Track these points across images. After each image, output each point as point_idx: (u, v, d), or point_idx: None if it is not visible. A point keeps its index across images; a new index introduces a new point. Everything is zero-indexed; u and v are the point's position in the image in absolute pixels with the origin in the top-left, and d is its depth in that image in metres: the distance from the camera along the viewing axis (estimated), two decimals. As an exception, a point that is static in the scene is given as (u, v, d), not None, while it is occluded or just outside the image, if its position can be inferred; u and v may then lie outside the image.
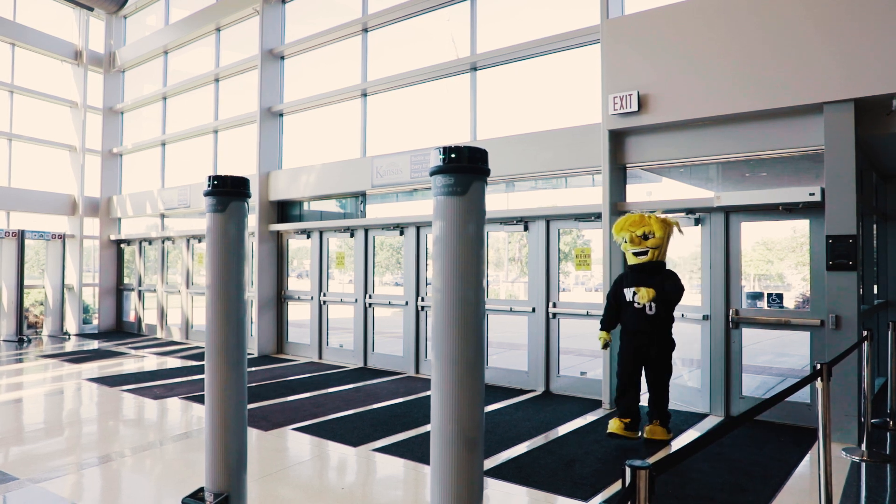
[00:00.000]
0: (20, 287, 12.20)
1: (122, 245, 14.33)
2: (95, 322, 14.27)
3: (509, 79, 8.38)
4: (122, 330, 14.09)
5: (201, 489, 2.61)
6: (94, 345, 11.77)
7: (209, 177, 2.10)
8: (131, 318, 14.05)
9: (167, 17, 13.76)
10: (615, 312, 5.47)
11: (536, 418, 6.18)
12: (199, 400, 6.87)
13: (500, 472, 4.52)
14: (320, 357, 9.91)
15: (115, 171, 14.57)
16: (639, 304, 5.23)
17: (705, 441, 1.88)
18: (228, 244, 2.09)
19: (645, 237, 5.26)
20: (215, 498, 2.40)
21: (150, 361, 9.71)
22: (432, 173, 1.76)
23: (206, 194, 2.12)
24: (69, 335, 13.19)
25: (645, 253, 5.27)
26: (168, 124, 13.57)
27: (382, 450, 5.09)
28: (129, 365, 9.36)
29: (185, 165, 13.19)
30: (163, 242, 13.03)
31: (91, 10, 13.87)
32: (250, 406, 6.62)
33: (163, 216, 13.28)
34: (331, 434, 5.52)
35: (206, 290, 2.19)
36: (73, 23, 14.34)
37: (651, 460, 1.52)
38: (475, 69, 8.53)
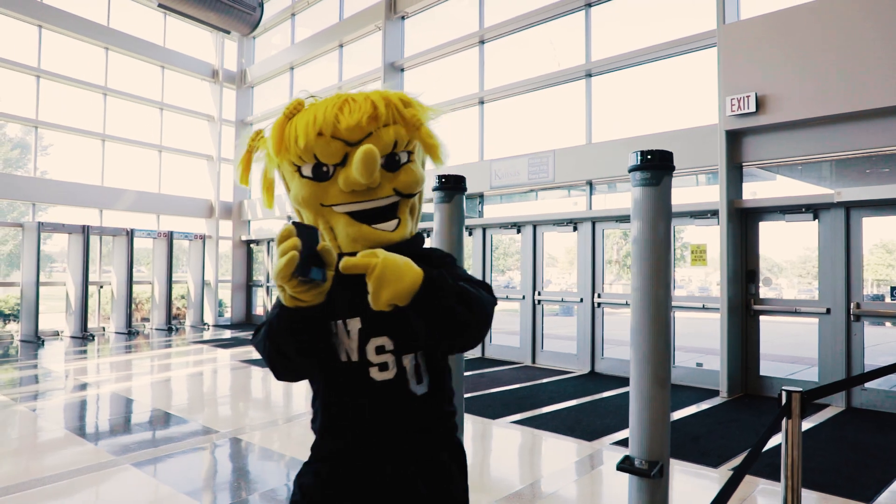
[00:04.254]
0: (170, 282, 13.71)
1: (252, 245, 15.73)
2: (227, 315, 15.72)
3: (622, 84, 8.80)
4: (251, 322, 15.46)
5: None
6: (228, 334, 13.07)
7: (438, 176, 2.76)
8: (259, 311, 15.40)
9: (293, 37, 15.03)
10: None
11: (657, 402, 6.59)
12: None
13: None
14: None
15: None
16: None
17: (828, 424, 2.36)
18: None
19: (391, 158, 1.36)
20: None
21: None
22: (631, 170, 2.33)
23: (435, 189, 2.78)
24: (208, 325, 14.67)
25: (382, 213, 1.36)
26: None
27: (519, 422, 5.70)
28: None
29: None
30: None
31: (228, 32, 15.37)
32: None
33: (289, 217, 14.48)
34: (469, 409, 6.17)
35: None
36: (210, 45, 15.92)
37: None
38: (590, 75, 9.00)
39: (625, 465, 2.20)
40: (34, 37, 12.56)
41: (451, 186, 2.83)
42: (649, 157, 2.37)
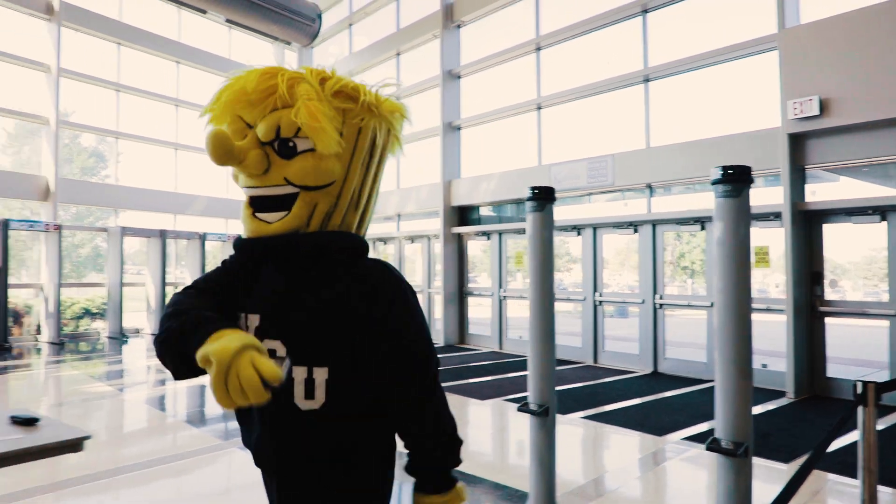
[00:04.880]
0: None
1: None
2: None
3: (681, 87, 8.93)
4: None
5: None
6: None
7: (531, 188, 3.07)
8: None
9: (350, 47, 15.56)
10: None
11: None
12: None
13: (702, 438, 5.21)
14: (500, 347, 10.93)
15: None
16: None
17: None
18: (543, 242, 3.02)
19: (283, 143, 1.21)
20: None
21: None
22: (714, 182, 2.60)
23: (529, 199, 3.08)
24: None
25: (275, 203, 1.24)
26: (353, 141, 15.33)
27: (588, 418, 5.95)
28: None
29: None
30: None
31: (289, 43, 16.04)
32: (465, 382, 7.74)
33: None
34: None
35: (530, 286, 3.11)
36: (271, 56, 16.61)
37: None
38: (647, 80, 9.16)
39: (713, 446, 2.47)
40: (114, 53, 13.41)
41: (543, 197, 3.14)
42: (731, 171, 2.63)
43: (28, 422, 2.47)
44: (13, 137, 16.17)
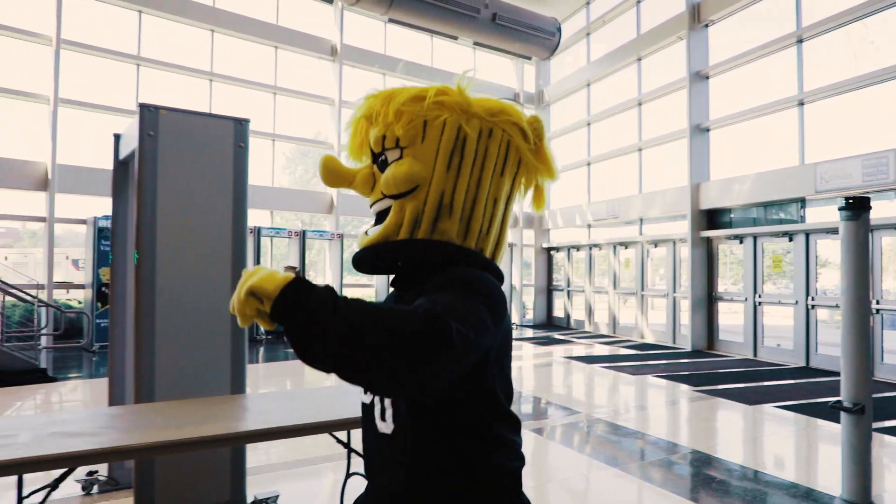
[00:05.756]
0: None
1: (552, 252, 17.02)
2: (528, 316, 17.22)
3: None
4: (551, 323, 16.73)
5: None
6: (529, 333, 14.40)
7: (845, 198, 3.25)
8: (559, 313, 16.59)
9: (588, 56, 15.97)
10: None
11: None
12: (669, 378, 8.27)
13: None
14: (755, 354, 10.55)
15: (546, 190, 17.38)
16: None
17: None
18: (858, 249, 3.19)
19: (376, 158, 1.27)
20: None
21: (597, 349, 11.63)
22: None
23: (843, 208, 3.26)
24: (516, 325, 16.30)
25: (382, 217, 1.25)
26: (592, 147, 15.73)
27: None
28: (580, 349, 11.41)
29: (604, 182, 15.15)
30: (590, 249, 15.15)
31: (529, 59, 16.93)
32: (720, 387, 7.77)
33: (589, 226, 15.44)
34: (813, 412, 6.29)
35: (841, 294, 3.29)
36: (511, 71, 17.65)
37: None
38: (939, 66, 8.27)
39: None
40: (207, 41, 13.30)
41: (858, 206, 3.31)
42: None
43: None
44: (290, 160, 19.29)
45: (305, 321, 0.82)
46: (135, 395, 3.05)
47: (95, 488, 3.74)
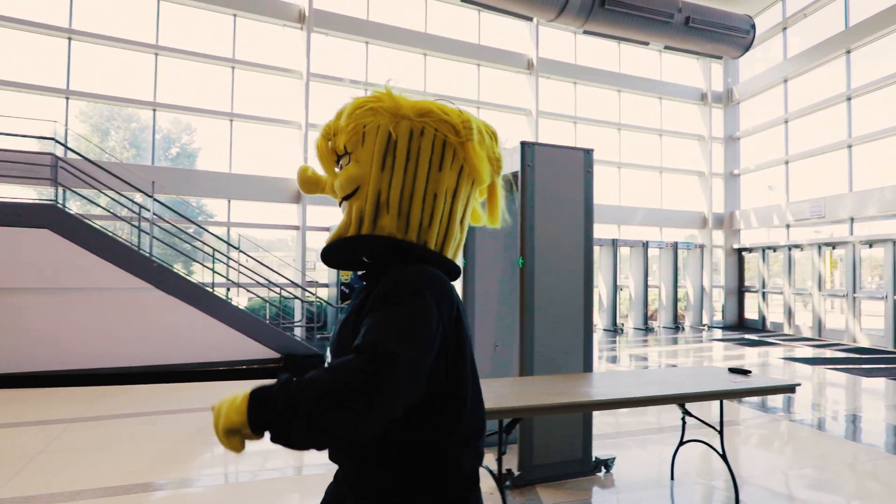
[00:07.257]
0: (675, 287, 15.70)
1: (744, 252, 16.70)
2: (717, 318, 17.01)
3: None
4: (743, 325, 16.43)
5: None
6: (719, 334, 14.28)
7: None
8: (751, 315, 16.25)
9: (785, 51, 15.52)
10: None
11: None
12: (910, 382, 8.15)
13: None
14: None
15: (734, 189, 17.13)
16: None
17: None
18: None
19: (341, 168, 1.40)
20: None
21: (800, 351, 11.42)
22: None
23: None
24: (707, 326, 16.21)
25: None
26: (790, 145, 15.28)
27: None
28: (783, 352, 11.28)
29: (807, 181, 14.66)
30: (789, 250, 14.74)
31: (719, 58, 16.76)
32: (973, 391, 7.55)
33: (788, 226, 15.02)
34: None
35: None
36: (697, 72, 17.52)
37: None
38: None
39: None
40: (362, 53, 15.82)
41: None
42: None
43: (743, 372, 3.90)
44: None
45: (280, 428, 0.95)
46: (519, 370, 3.98)
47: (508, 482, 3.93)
